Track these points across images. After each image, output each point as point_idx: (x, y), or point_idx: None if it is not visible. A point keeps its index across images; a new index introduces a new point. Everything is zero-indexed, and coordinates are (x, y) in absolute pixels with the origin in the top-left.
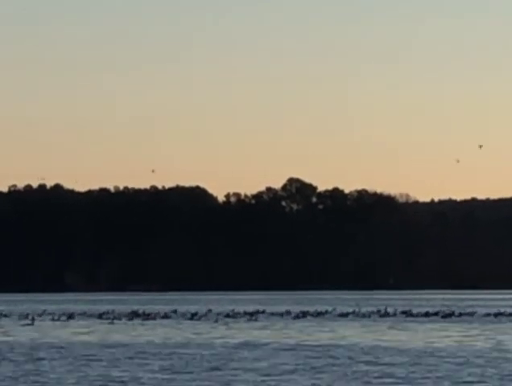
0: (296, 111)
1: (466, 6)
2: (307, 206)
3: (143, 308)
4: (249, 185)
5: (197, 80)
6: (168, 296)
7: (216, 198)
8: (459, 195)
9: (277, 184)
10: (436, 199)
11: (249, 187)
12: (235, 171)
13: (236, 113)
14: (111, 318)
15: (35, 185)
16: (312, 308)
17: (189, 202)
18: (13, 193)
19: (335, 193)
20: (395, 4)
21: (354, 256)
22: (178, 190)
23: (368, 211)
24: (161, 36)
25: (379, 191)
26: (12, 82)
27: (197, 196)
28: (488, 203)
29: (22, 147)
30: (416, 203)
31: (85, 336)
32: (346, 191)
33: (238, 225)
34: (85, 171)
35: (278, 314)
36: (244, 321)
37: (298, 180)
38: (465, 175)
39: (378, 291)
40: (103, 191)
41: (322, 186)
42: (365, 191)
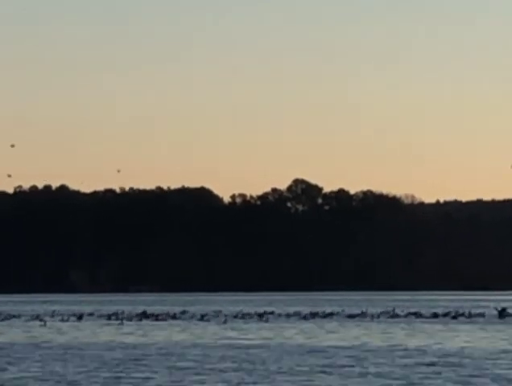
0: (302, 112)
1: (466, 6)
2: (312, 207)
3: (152, 309)
4: (254, 186)
5: (197, 80)
6: (173, 297)
7: (221, 199)
8: (464, 196)
9: (282, 185)
10: (442, 200)
11: (254, 188)
12: (240, 172)
13: (240, 114)
14: (120, 319)
15: (41, 186)
16: (321, 309)
17: (193, 202)
18: (18, 194)
19: (340, 194)
20: (395, 4)
21: (355, 255)
22: (183, 191)
23: (373, 212)
24: (161, 36)
25: (384, 192)
26: (12, 82)
27: (202, 197)
28: (493, 204)
29: (26, 148)
30: (421, 204)
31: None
32: (352, 192)
33: (239, 225)
34: (91, 172)
35: (287, 315)
36: (254, 321)
37: (303, 181)
38: (470, 176)
39: (380, 292)
40: (108, 192)
41: (327, 187)
42: (371, 192)
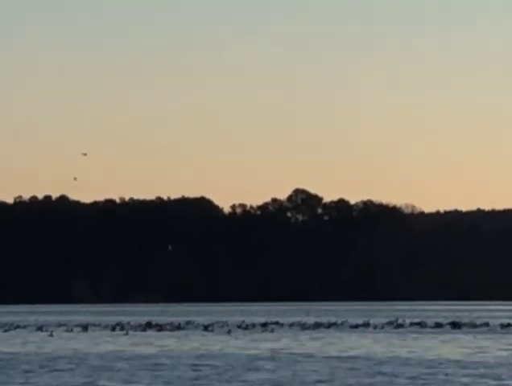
0: (302, 122)
1: (466, 6)
2: (312, 217)
3: (156, 319)
4: (254, 196)
5: (197, 90)
6: (174, 307)
7: (222, 209)
8: (464, 206)
9: (282, 195)
10: (442, 210)
11: (254, 198)
12: (241, 182)
13: (241, 124)
14: (126, 329)
15: (41, 196)
16: (324, 319)
17: (193, 212)
18: (18, 204)
19: (340, 204)
20: (395, 4)
21: (355, 265)
22: (183, 201)
23: (373, 222)
24: (161, 36)
25: (385, 202)
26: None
27: (202, 207)
28: (493, 214)
29: (27, 158)
30: (422, 214)
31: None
32: (352, 202)
33: (239, 235)
34: (91, 182)
35: (290, 325)
36: (259, 332)
37: (303, 191)
38: (470, 186)
39: (381, 302)
40: (108, 202)
41: (327, 197)
42: (371, 202)
